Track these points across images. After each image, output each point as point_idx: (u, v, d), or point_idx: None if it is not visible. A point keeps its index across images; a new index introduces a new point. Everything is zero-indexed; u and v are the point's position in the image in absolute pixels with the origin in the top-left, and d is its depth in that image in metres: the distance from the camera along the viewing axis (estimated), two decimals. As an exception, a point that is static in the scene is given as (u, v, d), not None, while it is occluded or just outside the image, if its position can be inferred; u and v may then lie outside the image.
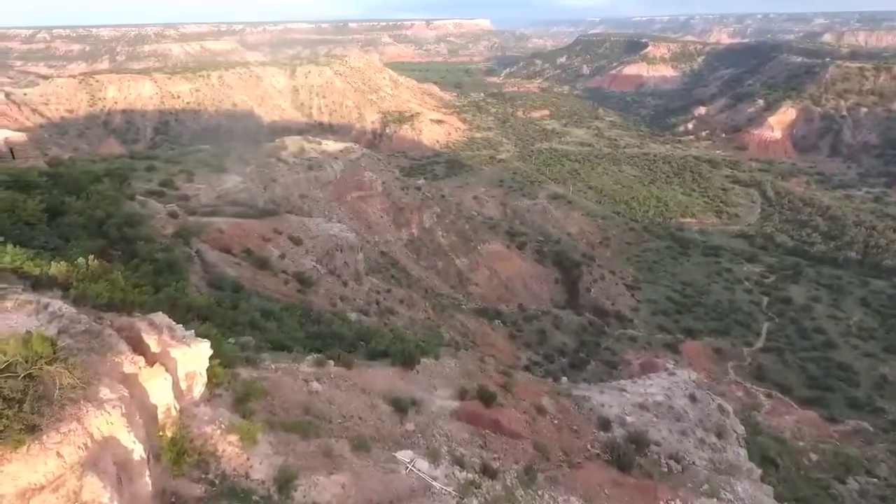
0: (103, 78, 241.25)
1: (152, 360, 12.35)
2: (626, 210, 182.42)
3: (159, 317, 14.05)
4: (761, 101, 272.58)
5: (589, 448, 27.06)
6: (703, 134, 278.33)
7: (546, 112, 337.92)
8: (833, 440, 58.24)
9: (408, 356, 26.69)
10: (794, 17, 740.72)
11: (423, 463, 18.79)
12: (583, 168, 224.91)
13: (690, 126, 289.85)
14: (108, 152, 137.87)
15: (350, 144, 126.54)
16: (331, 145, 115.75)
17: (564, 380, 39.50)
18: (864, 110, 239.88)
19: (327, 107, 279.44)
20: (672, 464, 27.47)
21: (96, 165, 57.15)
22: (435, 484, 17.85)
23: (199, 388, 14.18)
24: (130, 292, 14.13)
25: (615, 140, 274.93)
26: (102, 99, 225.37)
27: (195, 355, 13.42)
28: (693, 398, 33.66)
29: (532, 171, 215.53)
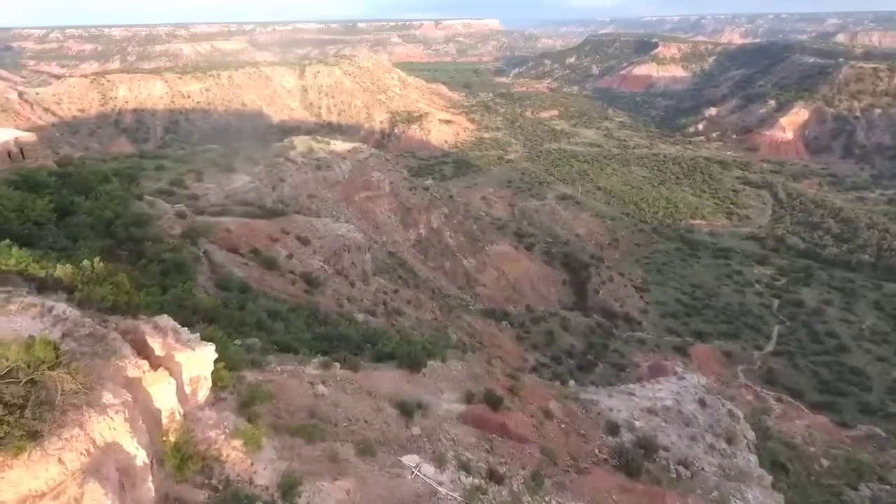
0: (114, 77, 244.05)
1: (157, 364, 12.26)
2: (635, 211, 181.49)
3: (164, 319, 13.96)
4: (773, 102, 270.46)
5: (597, 453, 26.74)
6: (714, 135, 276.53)
7: (555, 112, 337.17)
8: (845, 446, 57.30)
9: (414, 359, 26.50)
10: (806, 16, 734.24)
11: (429, 468, 18.61)
12: (592, 169, 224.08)
13: (701, 127, 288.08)
14: (118, 151, 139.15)
15: (358, 144, 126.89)
16: (339, 145, 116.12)
17: (572, 383, 39.18)
18: (878, 111, 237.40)
19: (336, 107, 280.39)
20: (681, 470, 27.11)
21: (106, 165, 57.56)
22: (441, 489, 17.68)
23: (204, 392, 14.09)
24: (135, 295, 14.06)
25: (624, 141, 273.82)
26: (113, 98, 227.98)
27: (200, 359, 13.32)
28: (703, 403, 33.26)
29: (540, 172, 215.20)
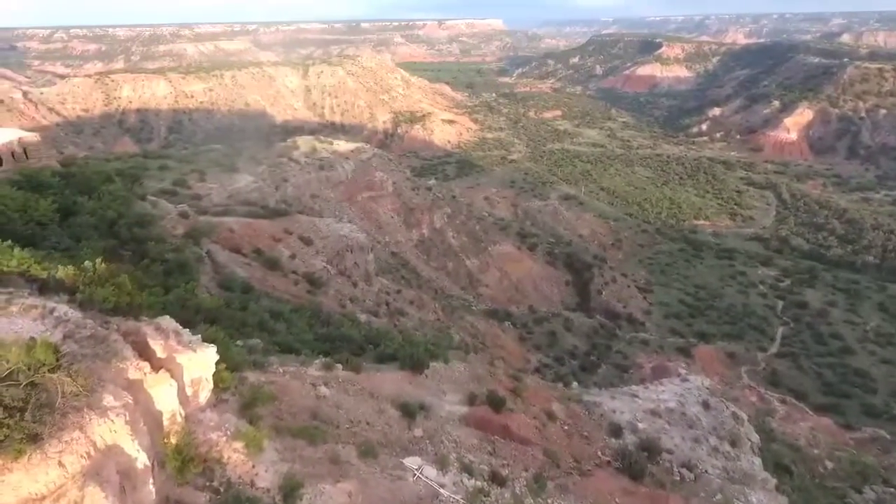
0: (118, 77, 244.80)
1: (158, 366, 12.22)
2: (638, 212, 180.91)
3: (166, 321, 13.93)
4: (777, 103, 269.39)
5: (599, 455, 26.65)
6: (718, 135, 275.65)
7: (558, 112, 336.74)
8: (849, 448, 57.05)
9: (417, 360, 26.43)
10: (811, 16, 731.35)
11: (431, 470, 18.55)
12: (595, 169, 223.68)
13: (704, 127, 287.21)
14: (122, 151, 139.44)
15: (361, 144, 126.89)
16: (342, 145, 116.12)
17: (575, 385, 39.08)
18: (884, 112, 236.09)
19: (339, 107, 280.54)
20: (684, 472, 27.00)
21: (109, 165, 57.66)
22: (443, 492, 17.61)
23: (205, 394, 14.05)
24: (137, 296, 14.03)
25: (628, 141, 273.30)
26: (117, 98, 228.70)
27: (201, 361, 13.28)
28: (706, 405, 33.14)
29: (544, 172, 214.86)
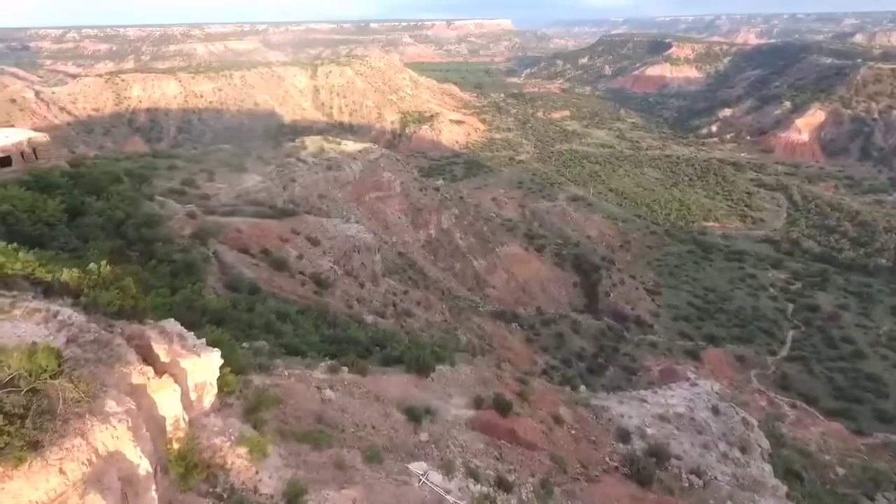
0: (129, 77, 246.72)
1: (161, 371, 12.12)
2: (647, 213, 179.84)
3: (170, 324, 13.84)
4: (788, 103, 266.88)
5: (607, 461, 26.36)
6: (728, 136, 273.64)
7: (567, 113, 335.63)
8: (861, 454, 56.29)
9: (423, 363, 26.25)
10: (823, 16, 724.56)
11: (437, 475, 18.37)
12: (603, 170, 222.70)
13: (715, 128, 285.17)
14: (132, 150, 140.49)
15: (369, 145, 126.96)
16: (350, 145, 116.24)
17: (583, 388, 38.78)
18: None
19: (347, 107, 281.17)
20: (693, 479, 26.67)
21: (119, 164, 57.94)
22: (448, 498, 17.43)
23: (210, 398, 13.94)
24: (142, 299, 13.95)
25: (637, 142, 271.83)
26: (128, 98, 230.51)
27: (205, 365, 13.17)
28: (716, 410, 32.72)
29: (552, 173, 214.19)
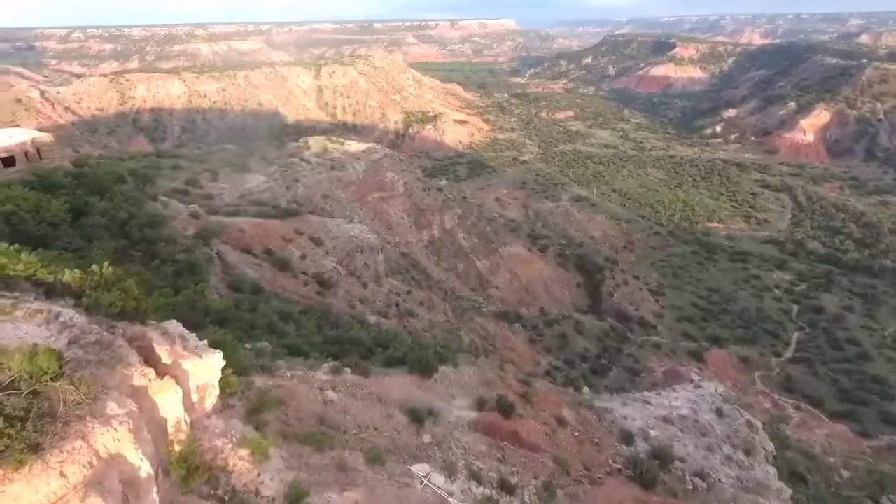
0: (133, 77, 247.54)
1: (163, 372, 12.08)
2: (651, 214, 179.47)
3: (172, 325, 13.79)
4: (793, 104, 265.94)
5: (611, 463, 26.23)
6: (732, 137, 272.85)
7: (570, 113, 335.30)
8: (866, 456, 56.01)
9: (426, 364, 26.15)
10: (828, 16, 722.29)
11: (439, 477, 18.28)
12: (607, 170, 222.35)
13: (719, 129, 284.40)
14: (136, 150, 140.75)
15: (372, 145, 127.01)
16: (353, 145, 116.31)
17: (586, 389, 38.64)
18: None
19: (351, 107, 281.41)
20: (697, 481, 26.52)
21: (123, 164, 58.05)
22: (451, 500, 17.35)
23: (212, 400, 13.89)
24: (144, 300, 13.91)
25: (641, 142, 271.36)
26: (132, 98, 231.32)
27: (207, 367, 13.12)
28: (720, 413, 32.55)
29: (555, 173, 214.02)
